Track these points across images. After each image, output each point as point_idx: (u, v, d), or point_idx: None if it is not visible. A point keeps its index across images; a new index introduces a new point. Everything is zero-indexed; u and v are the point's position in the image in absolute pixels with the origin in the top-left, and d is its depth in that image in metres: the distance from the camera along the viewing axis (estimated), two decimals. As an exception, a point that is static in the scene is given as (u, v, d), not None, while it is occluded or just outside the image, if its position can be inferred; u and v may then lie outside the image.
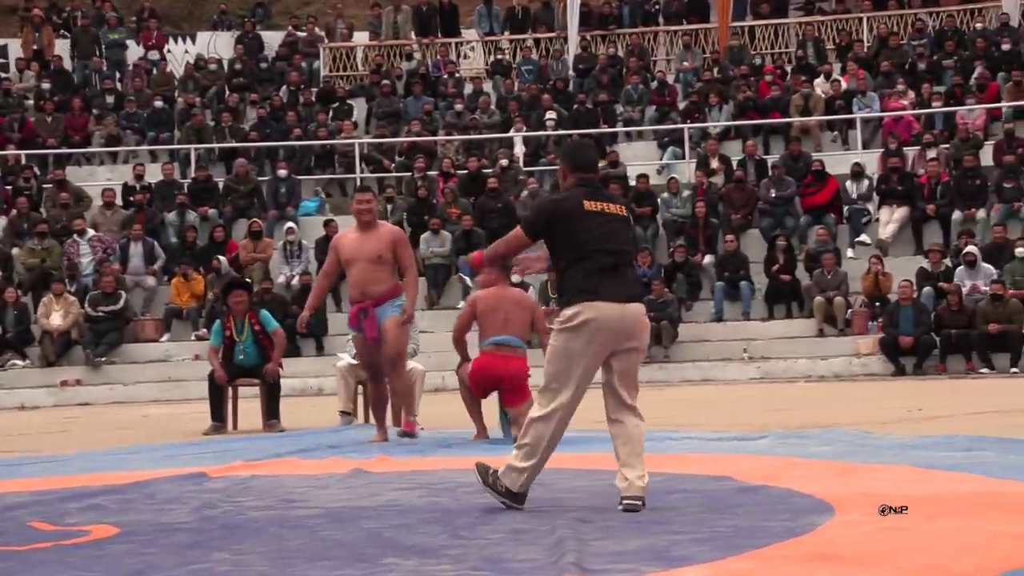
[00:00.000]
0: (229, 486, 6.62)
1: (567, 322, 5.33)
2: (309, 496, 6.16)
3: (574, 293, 5.34)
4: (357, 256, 8.56)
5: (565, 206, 5.42)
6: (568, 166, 5.58)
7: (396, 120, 21.11)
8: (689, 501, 5.52)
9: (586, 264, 5.34)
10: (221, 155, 20.50)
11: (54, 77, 22.35)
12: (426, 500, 5.88)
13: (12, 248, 17.98)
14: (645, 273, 16.95)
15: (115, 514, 5.76)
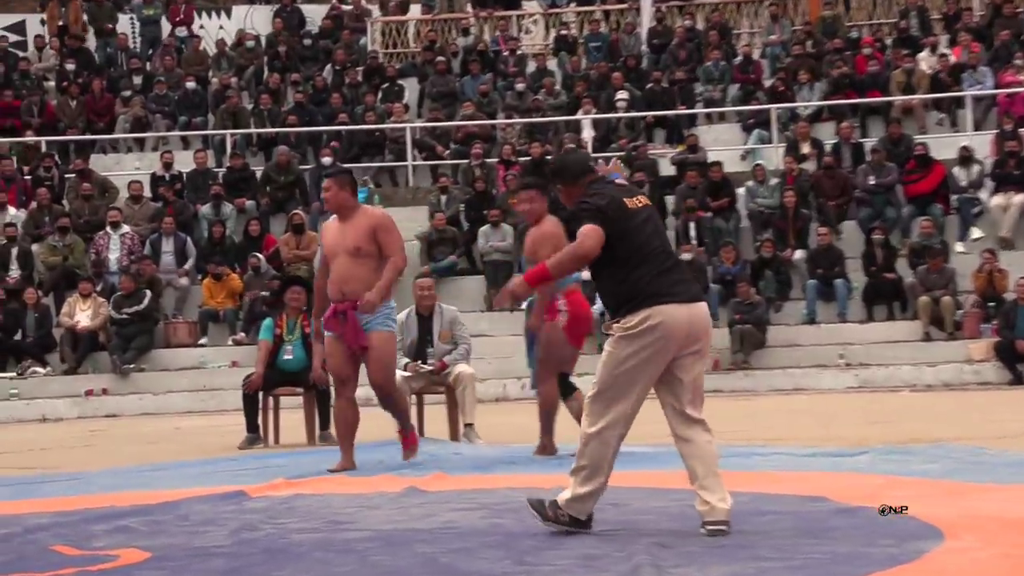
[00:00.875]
0: (270, 506, 6.67)
1: (633, 328, 5.35)
2: (358, 517, 6.19)
3: (641, 298, 5.36)
4: (336, 248, 8.22)
5: (613, 206, 5.45)
6: (568, 179, 5.63)
7: (451, 102, 21.17)
8: (779, 524, 5.49)
9: (648, 266, 5.40)
10: (259, 141, 20.65)
11: (76, 56, 22.60)
12: (487, 522, 5.89)
13: (32, 244, 18.19)
14: (728, 271, 16.87)
15: (145, 537, 5.82)
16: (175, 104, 21.39)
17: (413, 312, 10.72)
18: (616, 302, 5.45)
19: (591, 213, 5.42)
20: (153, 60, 22.87)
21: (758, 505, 5.99)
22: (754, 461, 7.90)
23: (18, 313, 16.92)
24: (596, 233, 5.37)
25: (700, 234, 17.62)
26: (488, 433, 10.60)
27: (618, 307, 5.43)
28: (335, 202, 8.24)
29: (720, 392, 15.61)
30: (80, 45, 22.85)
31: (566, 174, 5.68)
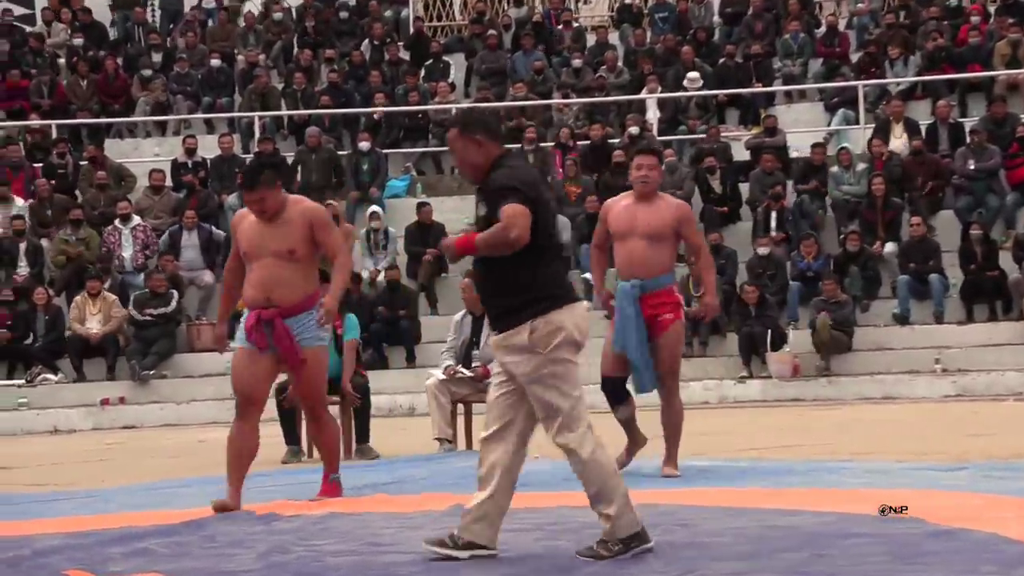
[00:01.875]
0: (303, 526, 6.71)
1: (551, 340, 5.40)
2: (399, 539, 6.22)
3: (554, 299, 5.44)
4: (261, 250, 7.52)
5: (536, 187, 5.51)
6: (486, 135, 5.56)
7: (502, 80, 21.18)
8: (868, 548, 5.46)
9: (557, 262, 5.58)
10: (290, 124, 20.75)
11: (87, 30, 22.78)
12: (541, 544, 5.90)
13: (41, 239, 18.34)
14: (809, 266, 16.79)
15: (166, 560, 5.87)
16: (198, 84, 21.52)
17: (467, 313, 10.79)
18: (527, 299, 5.42)
19: (518, 193, 5.39)
20: (174, 35, 23.02)
21: (844, 526, 5.97)
22: (839, 477, 7.86)
23: (28, 315, 17.08)
24: (527, 218, 5.36)
25: (781, 225, 17.55)
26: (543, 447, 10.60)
27: (528, 304, 5.41)
28: (271, 210, 7.48)
29: (801, 401, 15.54)
30: (90, 19, 22.98)
31: (483, 128, 5.57)
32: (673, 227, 8.15)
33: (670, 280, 8.34)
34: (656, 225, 8.12)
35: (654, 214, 8.14)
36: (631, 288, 8.15)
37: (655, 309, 8.18)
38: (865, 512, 6.40)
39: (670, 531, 6.05)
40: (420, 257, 17.67)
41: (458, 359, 10.72)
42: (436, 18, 24.14)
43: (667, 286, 8.27)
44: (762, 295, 16.30)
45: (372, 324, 16.45)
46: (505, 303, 5.48)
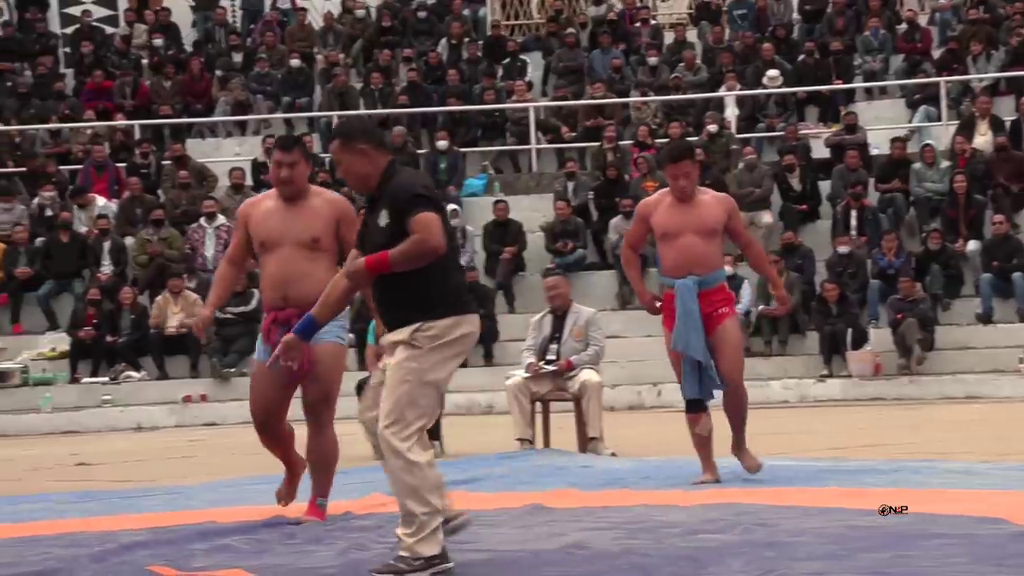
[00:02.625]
0: (381, 524, 6.73)
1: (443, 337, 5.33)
2: (478, 536, 6.22)
3: (449, 303, 5.38)
4: (281, 238, 6.87)
5: (437, 195, 5.51)
6: (370, 144, 5.48)
7: (579, 78, 21.16)
8: (950, 550, 5.41)
9: (456, 270, 5.53)
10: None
11: (166, 31, 22.99)
12: (620, 544, 5.89)
13: (125, 238, 18.54)
14: (891, 264, 16.64)
15: (248, 557, 5.92)
16: (278, 83, 21.67)
17: (548, 312, 10.82)
18: (423, 305, 5.34)
19: (429, 201, 5.33)
20: (254, 36, 23.19)
21: (926, 527, 5.91)
22: (922, 477, 7.79)
23: (112, 313, 17.28)
24: (440, 224, 5.31)
25: (861, 224, 17.40)
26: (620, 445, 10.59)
27: (425, 310, 5.34)
28: (299, 182, 6.86)
29: (882, 400, 15.41)
30: (168, 20, 23.19)
31: (371, 138, 5.49)
32: (723, 221, 7.95)
33: (724, 276, 8.20)
34: (708, 220, 7.91)
35: (704, 209, 7.93)
36: (692, 284, 7.89)
37: (712, 306, 7.96)
38: (948, 512, 6.34)
39: (750, 531, 6.02)
40: (498, 255, 17.70)
41: (538, 356, 10.73)
42: (514, 17, 24.15)
43: (721, 282, 8.11)
44: (843, 293, 16.18)
45: (450, 322, 16.48)
46: (405, 314, 5.37)
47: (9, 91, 21.63)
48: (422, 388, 5.31)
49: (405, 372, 5.30)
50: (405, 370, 5.30)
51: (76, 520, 7.47)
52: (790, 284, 16.47)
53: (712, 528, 6.14)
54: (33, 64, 22.04)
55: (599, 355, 10.66)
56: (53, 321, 17.74)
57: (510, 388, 10.76)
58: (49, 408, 16.48)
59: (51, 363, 17.18)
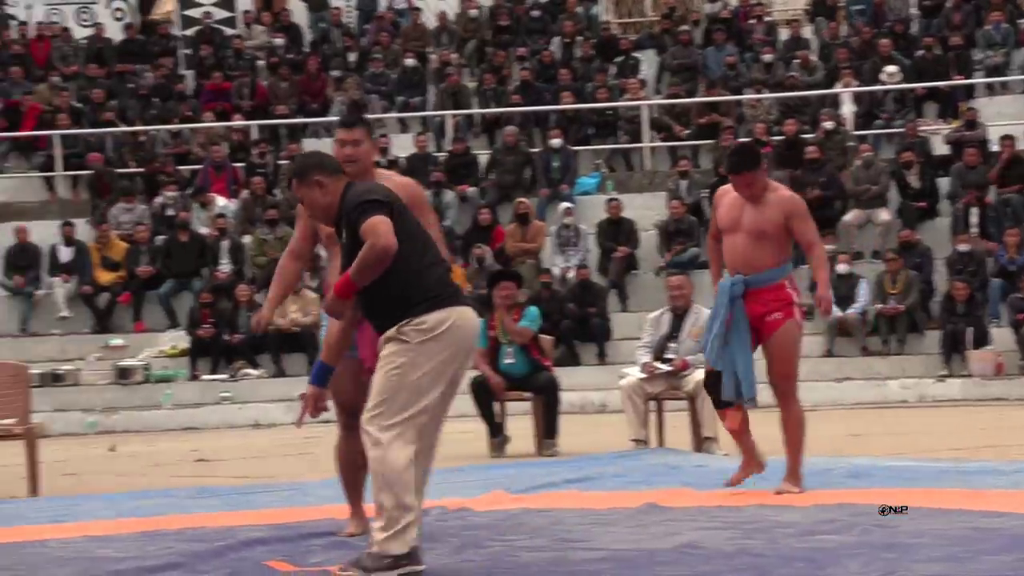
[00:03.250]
0: (496, 521, 6.77)
1: (431, 330, 5.33)
2: (591, 535, 6.24)
3: (438, 297, 5.38)
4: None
5: (391, 196, 5.46)
6: (324, 173, 5.54)
7: (692, 76, 21.08)
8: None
9: (436, 265, 5.49)
10: (482, 123, 20.93)
11: (285, 32, 23.24)
12: (735, 544, 5.86)
13: (243, 237, 18.78)
14: (1013, 261, 16.37)
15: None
16: (393, 83, 21.82)
17: (667, 310, 10.80)
18: (405, 304, 5.34)
19: (374, 204, 5.33)
20: (368, 36, 23.37)
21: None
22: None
23: (230, 311, 17.51)
24: (387, 223, 5.27)
25: (982, 222, 17.14)
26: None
27: (407, 308, 5.33)
28: (364, 160, 6.50)
29: (1004, 401, 15.17)
30: (289, 21, 23.45)
31: (324, 166, 5.57)
32: (781, 223, 7.48)
33: (779, 275, 7.56)
34: (761, 222, 7.49)
35: (761, 210, 7.50)
36: (731, 284, 7.53)
37: (765, 306, 7.49)
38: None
39: (868, 532, 5.96)
40: (611, 253, 17.68)
41: (654, 354, 10.71)
42: (627, 15, 24.09)
43: (776, 281, 7.53)
44: (971, 292, 15.94)
45: (563, 321, 16.51)
46: (391, 317, 5.38)
47: (131, 93, 22.01)
48: (408, 382, 5.31)
49: (392, 366, 5.33)
50: (392, 364, 5.33)
51: (197, 515, 7.59)
52: (908, 282, 16.30)
53: (829, 529, 6.10)
54: (154, 66, 22.41)
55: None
56: (173, 319, 18.03)
57: (624, 388, 10.74)
58: (170, 405, 16.76)
59: (172, 360, 17.46)
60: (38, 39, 22.99)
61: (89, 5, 24.03)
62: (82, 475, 11.22)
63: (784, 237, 7.58)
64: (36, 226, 18.91)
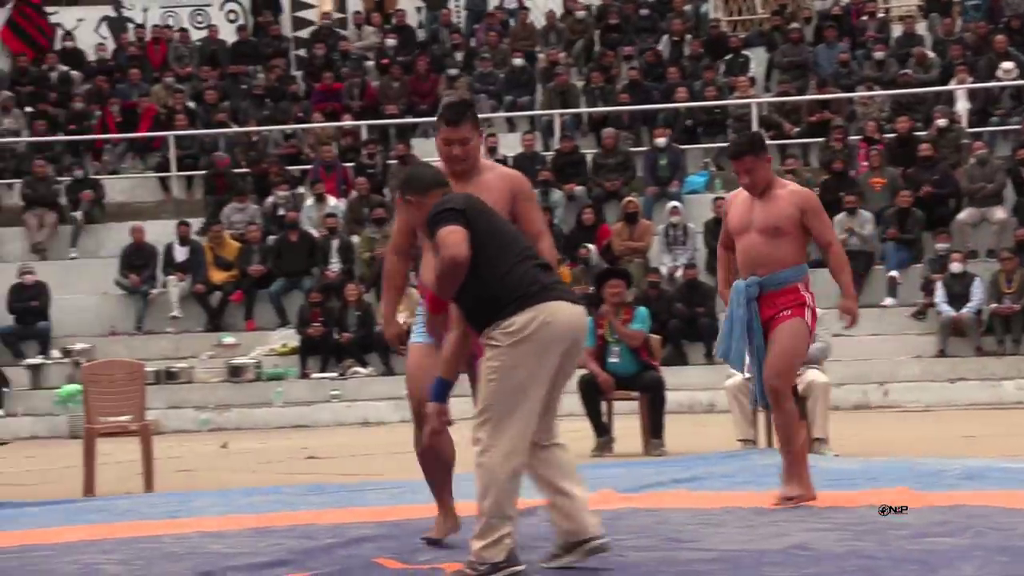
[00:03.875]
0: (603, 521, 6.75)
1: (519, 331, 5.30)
2: (700, 535, 6.21)
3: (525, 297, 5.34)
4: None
5: (470, 203, 5.45)
6: (414, 193, 5.60)
7: (803, 74, 20.90)
8: None
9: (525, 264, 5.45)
10: (590, 122, 20.91)
11: (398, 32, 23.38)
12: (845, 545, 5.81)
13: (352, 237, 18.92)
14: None
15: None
16: (501, 83, 21.86)
17: None
18: (493, 306, 5.32)
19: (446, 214, 5.33)
20: (477, 35, 23.44)
21: None
22: None
23: (339, 310, 17.66)
24: (459, 233, 5.27)
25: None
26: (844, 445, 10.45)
27: (495, 311, 5.31)
28: (473, 159, 6.22)
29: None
30: (404, 21, 23.59)
31: (413, 185, 5.62)
32: (795, 219, 7.11)
33: (795, 276, 7.21)
34: (772, 219, 7.15)
35: (771, 206, 7.16)
36: (745, 287, 7.20)
37: (775, 308, 7.17)
38: None
39: (982, 534, 5.88)
40: (720, 253, 17.56)
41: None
42: (736, 12, 23.94)
43: (791, 283, 7.18)
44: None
45: (670, 320, 16.45)
46: (483, 318, 5.38)
47: (244, 94, 22.27)
48: (506, 386, 5.28)
49: (489, 371, 5.32)
50: (489, 369, 5.33)
51: (307, 512, 7.67)
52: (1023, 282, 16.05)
53: (942, 531, 6.02)
54: (266, 67, 22.67)
55: (824, 352, 10.52)
56: (284, 318, 18.22)
57: (729, 389, 10.69)
58: (281, 402, 16.94)
59: (282, 359, 17.65)
60: (154, 42, 23.36)
61: (203, 8, 24.35)
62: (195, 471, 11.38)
63: (800, 235, 7.20)
64: (152, 226, 19.22)
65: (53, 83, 22.55)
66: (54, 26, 23.78)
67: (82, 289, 18.85)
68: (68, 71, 22.76)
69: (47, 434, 16.33)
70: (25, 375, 17.56)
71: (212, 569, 5.78)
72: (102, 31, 24.06)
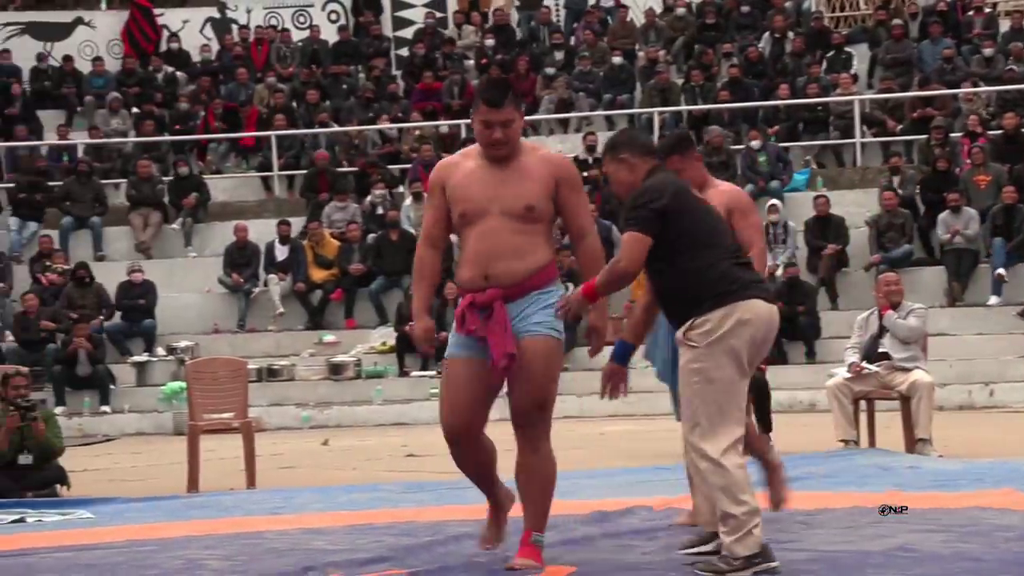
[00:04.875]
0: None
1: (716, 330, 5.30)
2: (799, 536, 6.17)
3: (723, 293, 5.34)
4: (485, 206, 5.63)
5: (676, 192, 5.43)
6: (632, 152, 5.57)
7: (907, 70, 20.65)
8: None
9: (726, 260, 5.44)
10: (690, 120, 20.82)
11: (496, 32, 23.43)
12: (950, 547, 5.74)
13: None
14: None
15: (573, 550, 6.00)
16: (599, 81, 21.83)
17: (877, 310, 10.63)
18: (690, 302, 5.33)
19: (641, 215, 5.31)
20: (576, 34, 23.43)
21: None
22: None
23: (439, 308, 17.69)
24: (641, 245, 5.27)
25: None
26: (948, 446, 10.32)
27: (691, 307, 5.32)
28: (514, 142, 5.67)
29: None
30: (504, 21, 23.63)
31: (634, 145, 5.59)
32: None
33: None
34: None
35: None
36: None
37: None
38: None
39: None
40: (820, 251, 17.43)
41: (863, 355, 10.54)
42: (838, 7, 23.71)
43: None
44: None
45: (772, 319, 16.32)
46: (677, 309, 5.41)
47: (345, 93, 22.43)
48: (712, 388, 5.27)
49: (690, 374, 5.32)
50: (689, 372, 5.32)
51: (407, 510, 7.71)
52: None
53: (1050, 534, 5.93)
54: (367, 67, 22.81)
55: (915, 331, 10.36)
56: (383, 316, 18.32)
57: (830, 388, 10.61)
58: (380, 400, 17.04)
59: (382, 357, 17.74)
60: (257, 42, 23.61)
61: (305, 8, 24.57)
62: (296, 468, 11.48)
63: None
64: (254, 225, 19.42)
65: (159, 84, 22.87)
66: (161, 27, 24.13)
67: (186, 287, 19.10)
68: (173, 72, 23.08)
69: (152, 431, 16.57)
70: (131, 372, 17.82)
71: (313, 565, 5.83)
72: (207, 32, 24.36)
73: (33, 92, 22.77)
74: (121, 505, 8.74)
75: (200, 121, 21.72)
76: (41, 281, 18.58)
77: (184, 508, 8.47)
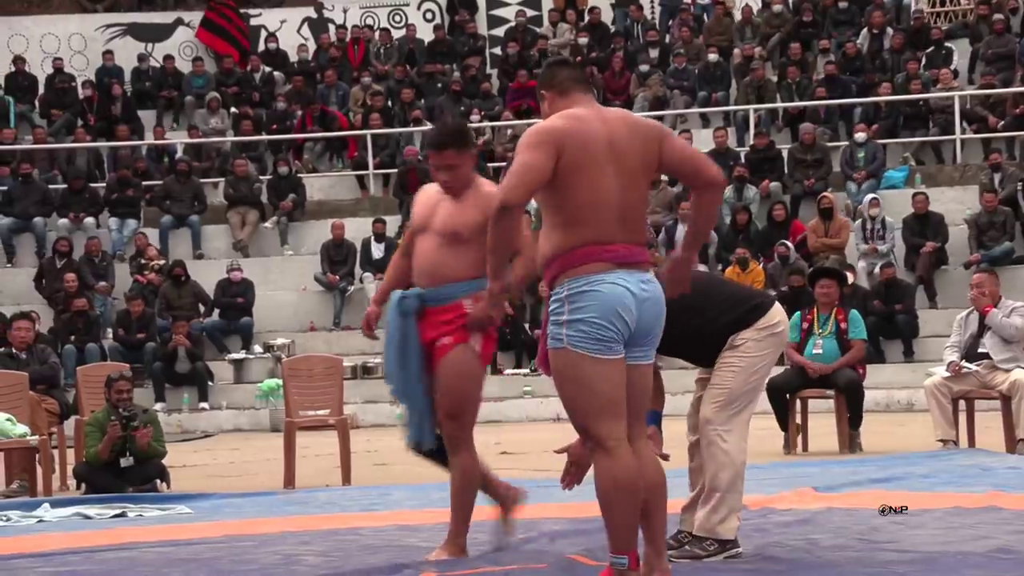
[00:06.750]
0: (799, 519, 6.70)
1: (765, 328, 6.00)
2: (898, 536, 6.11)
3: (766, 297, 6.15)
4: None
5: None
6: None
7: (1009, 65, 20.37)
8: None
9: None
10: (785, 117, 20.68)
11: (591, 30, 23.41)
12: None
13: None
14: None
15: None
16: (694, 78, 21.75)
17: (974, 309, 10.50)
18: (729, 330, 5.89)
19: None
20: (671, 31, 23.35)
21: None
22: None
23: (532, 307, 17.73)
24: None
25: None
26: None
27: (739, 326, 5.85)
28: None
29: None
30: (598, 19, 23.61)
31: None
32: (481, 225, 5.67)
33: (463, 291, 6.00)
34: (455, 222, 6.00)
35: (460, 208, 6.00)
36: (400, 298, 6.14)
37: (436, 329, 6.04)
38: None
39: None
40: (918, 249, 17.25)
41: (962, 354, 10.42)
42: (939, 3, 23.44)
43: (455, 300, 6.01)
44: None
45: (867, 317, 16.17)
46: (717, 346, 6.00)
47: (439, 92, 22.52)
48: (750, 376, 5.79)
49: (736, 359, 5.81)
50: (736, 357, 5.82)
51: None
52: None
53: None
54: (462, 66, 22.89)
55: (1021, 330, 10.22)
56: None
57: (928, 388, 10.50)
58: (474, 398, 17.07)
59: (475, 355, 17.76)
60: (353, 42, 23.77)
61: (401, 7, 24.71)
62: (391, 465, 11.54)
63: (483, 246, 5.46)
64: (349, 223, 19.55)
65: (256, 84, 23.10)
66: (256, 28, 24.36)
67: (283, 285, 19.27)
68: (271, 72, 23.30)
69: (249, 427, 16.74)
70: (228, 370, 18.01)
71: (407, 562, 5.86)
72: (304, 32, 24.57)
73: (134, 92, 23.10)
74: (219, 500, 8.84)
75: (297, 120, 21.90)
76: (139, 280, 18.83)
77: (281, 504, 8.55)
